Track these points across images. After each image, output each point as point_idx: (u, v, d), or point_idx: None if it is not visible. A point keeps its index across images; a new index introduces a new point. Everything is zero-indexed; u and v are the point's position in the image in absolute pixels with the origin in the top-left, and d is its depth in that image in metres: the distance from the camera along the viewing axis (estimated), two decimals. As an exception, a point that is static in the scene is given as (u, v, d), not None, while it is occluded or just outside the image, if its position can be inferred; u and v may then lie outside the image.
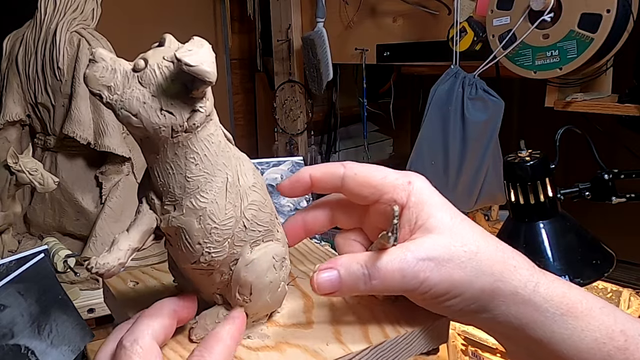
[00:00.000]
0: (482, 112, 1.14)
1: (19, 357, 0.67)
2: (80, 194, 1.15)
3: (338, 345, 0.42)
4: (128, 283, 0.48)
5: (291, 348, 0.41)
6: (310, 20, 1.65)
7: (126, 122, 0.35)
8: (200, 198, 0.38)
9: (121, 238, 0.39)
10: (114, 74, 0.35)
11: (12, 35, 1.18)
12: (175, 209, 0.38)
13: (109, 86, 0.35)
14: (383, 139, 2.11)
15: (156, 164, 0.37)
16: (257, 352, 0.41)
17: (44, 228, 1.18)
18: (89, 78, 0.35)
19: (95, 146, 1.10)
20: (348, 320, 0.44)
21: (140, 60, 0.35)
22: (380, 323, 0.43)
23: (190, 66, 0.33)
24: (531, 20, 1.04)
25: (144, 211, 0.40)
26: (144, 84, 0.35)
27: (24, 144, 1.18)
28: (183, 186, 0.37)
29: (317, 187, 0.41)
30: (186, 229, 0.38)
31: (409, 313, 0.42)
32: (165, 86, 0.35)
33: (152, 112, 0.35)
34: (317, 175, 0.40)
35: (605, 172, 0.84)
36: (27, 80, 1.14)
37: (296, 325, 0.44)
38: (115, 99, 0.35)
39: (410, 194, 0.37)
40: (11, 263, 0.73)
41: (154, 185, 0.39)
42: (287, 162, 1.20)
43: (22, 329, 0.68)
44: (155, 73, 0.35)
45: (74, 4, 1.13)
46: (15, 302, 0.69)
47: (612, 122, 1.17)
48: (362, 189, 0.39)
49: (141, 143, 0.38)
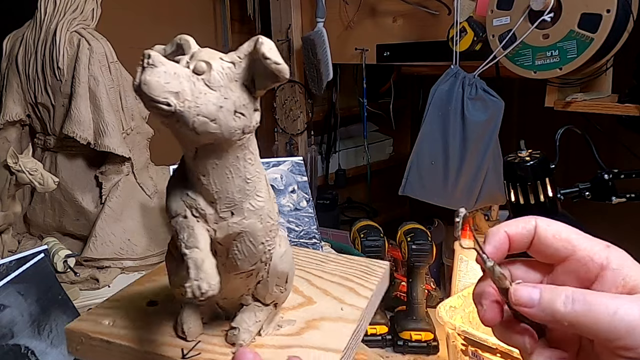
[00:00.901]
0: (482, 112, 1.14)
1: (19, 357, 0.67)
2: (80, 194, 1.15)
3: (355, 298, 0.47)
4: (104, 321, 0.45)
5: (322, 322, 0.43)
6: (310, 20, 1.65)
7: (202, 129, 0.33)
8: (258, 198, 0.37)
9: (200, 256, 0.35)
10: (178, 78, 0.32)
11: (12, 35, 1.18)
12: (233, 215, 0.37)
13: (177, 92, 0.32)
14: (383, 139, 2.11)
15: (214, 170, 0.35)
16: (300, 336, 0.42)
17: (44, 228, 1.18)
18: (151, 85, 0.31)
19: (95, 146, 1.10)
20: (333, 284, 0.49)
21: (201, 63, 0.33)
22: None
23: (278, 64, 0.33)
24: (531, 20, 1.04)
25: (196, 225, 0.36)
26: (213, 88, 0.33)
27: (24, 144, 1.18)
28: (243, 189, 0.36)
29: (511, 243, 0.38)
30: (250, 231, 0.37)
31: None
32: (233, 88, 0.34)
33: (228, 115, 0.33)
34: (512, 232, 0.37)
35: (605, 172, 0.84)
36: (27, 80, 1.14)
37: (302, 305, 0.46)
38: (189, 105, 0.32)
39: (610, 256, 0.35)
40: (11, 263, 0.73)
41: (204, 195, 0.36)
42: (287, 162, 1.20)
43: (22, 329, 0.68)
44: (222, 75, 0.34)
45: (74, 4, 1.13)
46: (15, 302, 0.69)
47: (612, 122, 1.17)
48: (555, 242, 0.36)
49: (197, 151, 0.35)
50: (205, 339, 0.42)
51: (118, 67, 1.16)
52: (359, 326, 0.45)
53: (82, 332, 0.43)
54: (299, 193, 1.16)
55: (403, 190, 1.26)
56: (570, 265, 0.36)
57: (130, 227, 1.12)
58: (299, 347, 0.40)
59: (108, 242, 1.09)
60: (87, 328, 0.44)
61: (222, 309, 0.44)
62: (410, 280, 1.13)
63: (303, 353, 0.40)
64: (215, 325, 0.43)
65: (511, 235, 0.37)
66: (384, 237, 1.18)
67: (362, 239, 1.16)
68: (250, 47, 0.34)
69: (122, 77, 1.16)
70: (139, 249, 1.10)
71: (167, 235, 1.14)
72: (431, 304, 1.21)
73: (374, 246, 1.15)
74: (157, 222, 1.16)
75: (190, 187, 0.37)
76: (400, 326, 1.12)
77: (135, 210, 1.15)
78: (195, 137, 0.34)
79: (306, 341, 0.41)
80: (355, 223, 1.25)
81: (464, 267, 1.27)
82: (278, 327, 0.43)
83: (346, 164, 1.95)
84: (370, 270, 0.54)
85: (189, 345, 0.40)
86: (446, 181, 1.19)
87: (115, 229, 1.10)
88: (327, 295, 0.48)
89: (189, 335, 0.41)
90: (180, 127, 0.33)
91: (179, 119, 0.33)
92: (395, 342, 1.11)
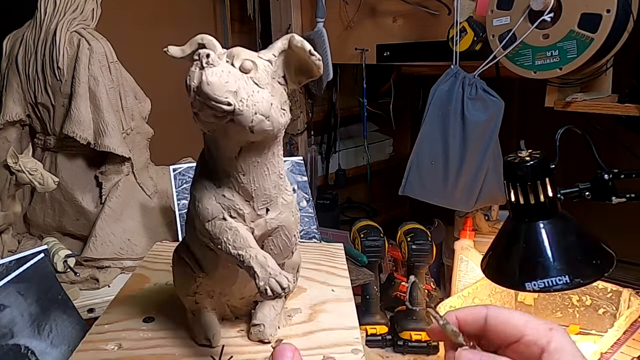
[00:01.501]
0: (482, 112, 1.14)
1: (19, 357, 0.67)
2: (80, 194, 1.15)
3: (338, 279, 0.50)
4: (108, 346, 0.44)
5: (325, 305, 0.46)
6: (310, 20, 1.65)
7: (259, 127, 0.33)
8: (287, 192, 0.38)
9: (261, 254, 0.35)
10: (234, 78, 0.32)
11: (12, 35, 1.18)
12: (269, 211, 0.38)
13: (235, 91, 0.32)
14: (383, 139, 2.11)
15: (254, 168, 0.36)
16: (314, 321, 0.44)
17: (44, 228, 1.18)
18: (214, 85, 0.31)
19: (95, 146, 1.10)
20: (311, 271, 0.52)
21: (248, 62, 0.34)
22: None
23: (320, 60, 0.34)
24: (531, 20, 1.03)
25: (238, 225, 0.36)
26: (261, 85, 0.34)
27: (24, 144, 1.18)
28: (277, 184, 0.37)
29: (462, 327, 0.42)
30: (285, 225, 0.38)
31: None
32: (275, 85, 0.35)
33: (278, 112, 0.34)
34: (462, 316, 0.42)
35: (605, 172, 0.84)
36: (27, 80, 1.14)
37: (296, 294, 0.48)
38: (248, 104, 0.32)
39: (552, 339, 0.39)
40: (11, 263, 0.73)
41: (242, 194, 0.36)
42: (287, 162, 1.20)
43: (22, 329, 0.68)
44: (267, 73, 0.34)
45: (74, 4, 1.13)
46: (15, 302, 0.69)
47: (612, 122, 1.17)
48: (505, 327, 0.40)
49: (241, 150, 0.35)
50: (226, 342, 0.42)
51: (118, 67, 1.16)
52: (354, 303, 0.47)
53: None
54: (299, 193, 1.17)
55: (403, 190, 1.26)
56: (518, 347, 0.40)
57: (130, 227, 1.12)
58: (320, 331, 0.41)
59: (108, 242, 1.09)
60: (95, 358, 0.42)
61: (232, 310, 0.44)
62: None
63: (327, 335, 0.41)
64: (227, 327, 0.43)
65: (461, 320, 0.41)
66: (384, 237, 1.18)
67: (362, 239, 1.16)
68: (284, 45, 0.35)
69: (122, 77, 1.16)
70: (139, 249, 1.10)
71: (167, 235, 1.14)
72: (431, 304, 1.20)
73: (374, 246, 1.15)
74: (157, 222, 1.16)
75: (224, 187, 0.36)
76: (400, 326, 1.12)
77: (135, 210, 1.15)
78: (248, 136, 0.34)
79: (323, 324, 0.43)
80: (355, 223, 1.25)
81: (464, 267, 1.27)
82: (289, 317, 0.44)
83: (346, 164, 1.95)
84: (331, 252, 0.56)
85: (216, 351, 0.40)
86: (446, 181, 1.19)
87: (115, 229, 1.10)
88: (312, 281, 0.50)
89: (214, 341, 0.41)
90: (234, 127, 0.33)
91: (235, 119, 0.32)
92: (395, 342, 1.11)
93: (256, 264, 0.33)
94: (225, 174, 0.36)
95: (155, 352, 0.41)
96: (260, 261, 0.34)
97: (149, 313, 0.47)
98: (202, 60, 0.31)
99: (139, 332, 0.45)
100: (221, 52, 0.35)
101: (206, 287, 0.39)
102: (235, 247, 0.35)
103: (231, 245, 0.35)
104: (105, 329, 0.46)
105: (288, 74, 0.35)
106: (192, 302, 0.41)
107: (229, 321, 0.44)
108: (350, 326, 0.42)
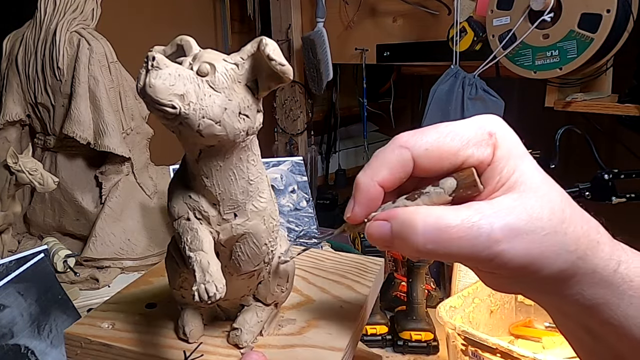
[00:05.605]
0: (482, 112, 1.13)
1: (19, 357, 0.67)
2: (80, 194, 1.15)
3: (353, 295, 0.48)
4: (103, 324, 0.45)
5: (322, 320, 0.44)
6: (310, 20, 1.65)
7: (208, 131, 0.32)
8: (261, 199, 0.37)
9: (206, 259, 0.34)
10: (182, 80, 0.32)
11: (12, 35, 1.18)
12: (236, 216, 0.37)
13: (182, 95, 0.32)
14: (383, 139, 2.11)
15: (217, 172, 0.35)
16: (302, 335, 0.42)
17: (44, 228, 1.18)
18: (157, 88, 0.31)
19: (95, 146, 1.10)
20: (331, 282, 0.51)
21: (205, 64, 0.33)
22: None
23: (283, 65, 0.32)
24: (531, 20, 1.04)
25: (199, 227, 0.36)
26: (217, 89, 0.33)
27: (24, 144, 1.18)
28: (246, 190, 0.36)
29: (393, 185, 0.33)
30: (253, 232, 0.37)
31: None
32: (237, 89, 0.34)
33: (233, 117, 0.33)
34: (385, 177, 0.32)
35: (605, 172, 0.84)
36: (27, 80, 1.14)
37: (302, 304, 0.47)
38: (194, 107, 0.32)
39: (496, 147, 0.31)
40: (11, 263, 0.73)
41: (207, 197, 0.36)
42: (287, 162, 1.20)
43: (22, 329, 0.68)
44: (226, 76, 0.33)
45: (74, 4, 1.13)
46: (15, 302, 0.69)
47: (612, 122, 1.17)
48: (441, 162, 0.31)
49: (201, 153, 0.35)
50: (206, 340, 0.42)
51: (118, 67, 1.16)
52: (359, 323, 0.45)
53: (81, 336, 0.43)
54: (299, 193, 1.16)
55: (403, 190, 1.26)
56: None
57: (130, 227, 1.12)
58: (302, 347, 0.40)
59: (108, 242, 1.09)
60: (87, 332, 0.44)
61: (222, 310, 0.44)
62: (410, 280, 1.13)
63: (305, 352, 0.40)
64: (216, 326, 0.43)
65: (387, 182, 0.32)
66: (384, 237, 1.17)
67: (362, 239, 1.16)
68: (254, 48, 0.34)
69: (122, 77, 1.16)
70: (138, 249, 1.10)
71: (167, 235, 1.14)
72: (431, 304, 1.20)
73: (374, 246, 1.15)
74: (157, 222, 1.16)
75: (193, 189, 0.36)
76: (400, 326, 1.12)
77: (135, 210, 1.15)
78: (200, 140, 0.33)
79: (308, 340, 0.41)
80: (355, 223, 1.25)
81: (463, 267, 1.27)
82: (279, 326, 0.43)
83: (346, 164, 1.95)
84: (366, 267, 0.55)
85: (191, 347, 0.40)
86: (446, 181, 1.18)
87: (115, 229, 1.10)
88: (326, 293, 0.49)
89: (190, 337, 0.41)
90: (185, 130, 0.33)
91: (183, 122, 0.32)
92: (395, 342, 1.11)
93: (198, 267, 0.33)
94: (192, 176, 0.36)
95: (139, 338, 0.42)
96: (202, 265, 0.33)
97: (154, 300, 0.48)
98: (148, 62, 0.31)
99: (135, 316, 0.45)
100: (195, 54, 0.34)
101: (190, 283, 0.40)
102: (190, 248, 0.35)
103: (188, 247, 0.35)
104: (110, 307, 0.48)
105: (259, 79, 0.34)
106: (179, 296, 0.42)
107: (220, 321, 0.44)
108: (335, 347, 0.40)
